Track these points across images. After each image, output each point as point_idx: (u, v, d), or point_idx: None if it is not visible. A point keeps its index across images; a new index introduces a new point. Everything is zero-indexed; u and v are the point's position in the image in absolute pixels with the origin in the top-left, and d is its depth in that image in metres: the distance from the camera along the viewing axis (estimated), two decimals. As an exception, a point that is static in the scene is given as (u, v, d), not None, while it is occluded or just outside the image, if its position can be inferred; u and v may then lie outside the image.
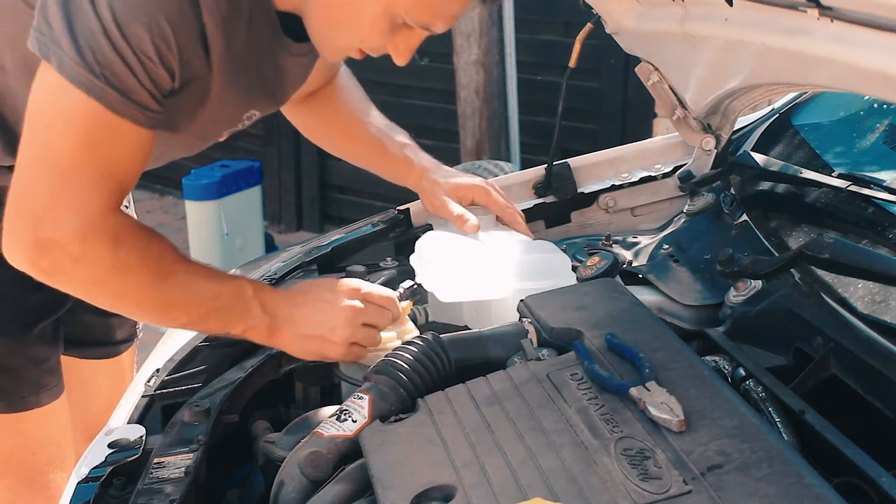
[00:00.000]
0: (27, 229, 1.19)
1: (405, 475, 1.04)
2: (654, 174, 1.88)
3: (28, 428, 1.58)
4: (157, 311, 1.30)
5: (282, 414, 1.45)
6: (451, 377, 1.26)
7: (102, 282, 1.24)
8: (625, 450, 1.02)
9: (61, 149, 1.19)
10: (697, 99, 1.73)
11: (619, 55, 2.67)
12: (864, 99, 1.83)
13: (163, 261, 1.27)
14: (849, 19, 1.13)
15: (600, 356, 1.19)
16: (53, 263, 1.20)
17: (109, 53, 1.16)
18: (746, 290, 1.44)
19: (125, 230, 1.23)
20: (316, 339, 1.33)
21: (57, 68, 1.16)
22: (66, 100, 1.17)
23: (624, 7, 1.67)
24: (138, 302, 1.28)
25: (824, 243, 1.33)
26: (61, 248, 1.19)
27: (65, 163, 1.19)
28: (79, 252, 1.19)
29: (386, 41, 1.30)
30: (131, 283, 1.25)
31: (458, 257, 1.53)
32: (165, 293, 1.27)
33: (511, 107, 4.49)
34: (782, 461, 0.97)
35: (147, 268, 1.25)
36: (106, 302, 1.30)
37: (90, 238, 1.19)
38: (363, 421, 1.18)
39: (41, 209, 1.19)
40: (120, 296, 1.27)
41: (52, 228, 1.18)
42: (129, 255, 1.23)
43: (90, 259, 1.20)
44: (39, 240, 1.19)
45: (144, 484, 1.16)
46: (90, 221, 1.19)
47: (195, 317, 1.31)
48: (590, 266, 1.58)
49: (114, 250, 1.21)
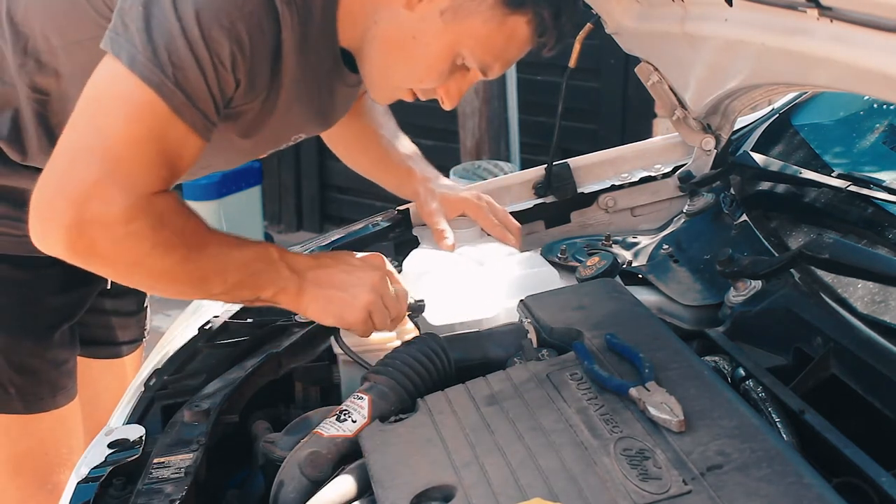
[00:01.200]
0: (69, 210, 1.16)
1: (405, 475, 1.04)
2: (654, 174, 1.88)
3: (43, 429, 1.58)
4: (194, 285, 1.29)
5: (282, 414, 1.45)
6: (450, 377, 1.27)
7: (142, 262, 1.22)
8: (624, 450, 1.02)
9: (118, 134, 1.18)
10: (697, 99, 1.73)
11: (619, 55, 2.67)
12: (864, 99, 1.83)
13: (197, 234, 1.26)
14: (849, 19, 1.13)
15: (600, 356, 1.19)
16: (92, 244, 1.18)
17: (185, 54, 1.16)
18: (746, 290, 1.44)
19: (169, 210, 1.22)
20: (338, 301, 1.33)
21: (128, 65, 1.16)
22: (131, 93, 1.17)
23: (624, 7, 1.67)
24: (176, 279, 1.26)
25: (824, 243, 1.33)
26: (104, 229, 1.17)
27: (119, 147, 1.18)
28: (122, 233, 1.17)
29: (441, 83, 1.33)
30: (170, 262, 1.23)
31: (445, 279, 1.54)
32: (201, 266, 1.26)
33: (511, 107, 4.49)
34: (782, 461, 0.97)
35: (184, 244, 1.24)
36: (142, 281, 1.29)
37: (136, 218, 1.18)
38: (363, 421, 1.18)
39: (89, 189, 1.16)
40: (159, 275, 1.25)
41: (99, 208, 1.16)
42: (170, 234, 1.22)
43: (133, 240, 1.19)
44: (82, 220, 1.16)
45: (144, 484, 1.15)
46: (138, 202, 1.18)
47: (230, 286, 1.30)
48: (590, 266, 1.58)
49: (157, 230, 1.20)
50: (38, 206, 1.19)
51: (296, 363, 1.48)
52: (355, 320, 1.34)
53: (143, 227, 1.18)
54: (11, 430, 1.56)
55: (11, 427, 1.56)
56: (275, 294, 1.33)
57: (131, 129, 1.18)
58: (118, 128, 1.18)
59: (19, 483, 1.59)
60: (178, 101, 1.18)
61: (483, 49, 1.29)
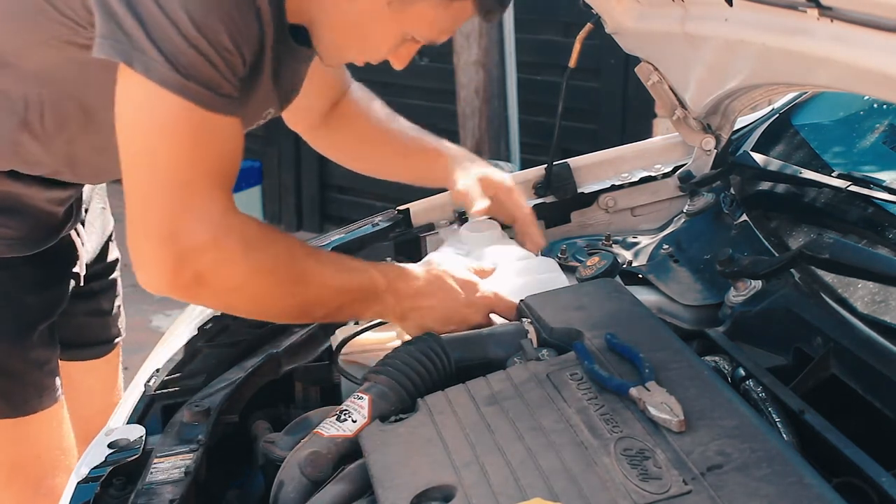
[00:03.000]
0: (162, 248, 1.18)
1: (405, 475, 1.04)
2: (654, 174, 1.88)
3: (32, 432, 1.57)
4: (297, 310, 1.32)
5: (282, 414, 1.45)
6: (450, 377, 1.26)
7: (242, 286, 1.23)
8: (625, 450, 1.02)
9: (171, 159, 1.19)
10: (697, 99, 1.73)
11: (619, 55, 2.67)
12: (864, 99, 1.83)
13: (294, 258, 1.28)
14: (849, 19, 1.13)
15: (600, 356, 1.19)
16: (196, 275, 1.19)
17: (189, 53, 1.17)
18: (746, 290, 1.44)
19: (251, 229, 1.24)
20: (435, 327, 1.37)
21: (144, 73, 1.16)
22: (161, 107, 1.17)
23: (624, 7, 1.67)
24: (277, 304, 1.29)
25: (824, 243, 1.33)
26: (199, 255, 1.18)
27: (180, 173, 1.19)
28: (214, 257, 1.19)
29: (391, 54, 1.37)
30: (268, 285, 1.25)
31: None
32: (301, 291, 1.28)
33: (511, 107, 4.49)
34: (782, 461, 0.97)
35: (280, 267, 1.26)
36: (247, 307, 1.30)
37: (222, 238, 1.19)
38: (363, 421, 1.18)
39: (171, 224, 1.17)
40: (260, 299, 1.27)
41: (187, 238, 1.17)
42: (262, 256, 1.23)
43: (227, 262, 1.20)
44: (177, 253, 1.17)
45: (144, 484, 1.16)
46: (218, 223, 1.19)
47: (332, 310, 1.33)
48: (590, 266, 1.58)
49: (246, 251, 1.21)
50: (138, 256, 1.20)
51: (296, 363, 1.48)
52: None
53: (232, 246, 1.20)
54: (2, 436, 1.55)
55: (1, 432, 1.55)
56: (374, 316, 1.39)
57: (180, 146, 1.19)
58: (168, 152, 1.19)
59: (14, 490, 1.58)
60: (205, 97, 1.19)
61: (431, 29, 1.33)
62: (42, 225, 1.52)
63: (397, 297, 1.36)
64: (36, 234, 1.51)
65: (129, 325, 1.92)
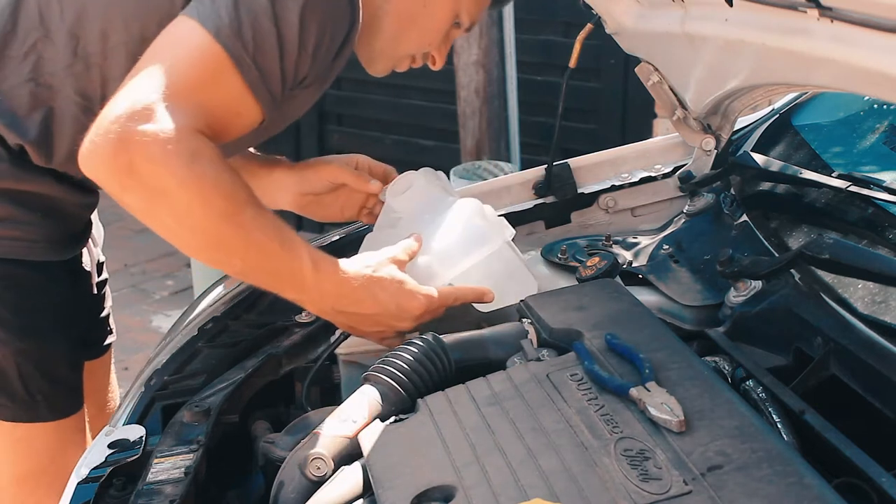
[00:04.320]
0: (115, 123, 1.18)
1: (405, 475, 1.04)
2: (655, 174, 1.88)
3: (66, 435, 1.58)
4: (217, 247, 1.28)
5: (282, 414, 1.45)
6: (450, 377, 1.26)
7: (169, 192, 1.21)
8: (625, 450, 1.02)
9: (182, 73, 1.22)
10: (697, 99, 1.73)
11: (619, 55, 2.67)
12: (864, 99, 1.83)
13: (235, 192, 1.25)
14: (849, 19, 1.13)
15: (600, 356, 1.19)
16: (131, 161, 1.19)
17: (270, 35, 1.22)
18: (746, 290, 1.44)
19: (207, 150, 1.23)
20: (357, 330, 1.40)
21: (214, 34, 1.21)
22: (207, 50, 1.22)
23: (624, 7, 1.67)
24: (196, 229, 1.25)
25: (824, 244, 1.33)
26: (143, 147, 1.18)
27: (181, 83, 1.22)
28: (158, 153, 1.18)
29: (441, 44, 1.49)
30: (195, 206, 1.22)
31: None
32: (226, 231, 1.25)
33: (511, 107, 4.49)
34: (782, 461, 0.97)
35: (218, 197, 1.23)
36: (166, 219, 1.25)
37: (173, 143, 1.19)
38: (363, 421, 1.18)
39: (139, 108, 1.19)
40: (181, 216, 1.23)
41: (144, 124, 1.18)
42: (204, 173, 1.21)
43: (165, 163, 1.19)
44: (127, 134, 1.18)
45: (144, 484, 1.16)
46: (180, 130, 1.19)
47: (249, 267, 1.31)
48: (590, 266, 1.58)
49: (190, 163, 1.20)
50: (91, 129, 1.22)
51: (296, 363, 1.48)
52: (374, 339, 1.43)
53: (179, 153, 1.19)
54: (36, 441, 1.55)
55: (37, 437, 1.55)
56: (295, 299, 1.37)
57: (197, 74, 1.23)
58: (186, 69, 1.23)
59: (39, 495, 1.58)
60: (253, 76, 1.23)
61: (476, 6, 1.46)
62: (72, 229, 1.55)
63: (321, 295, 1.34)
64: (67, 238, 1.54)
65: (129, 325, 1.93)
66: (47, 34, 1.41)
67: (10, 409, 1.51)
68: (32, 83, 1.41)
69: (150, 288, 4.53)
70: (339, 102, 4.93)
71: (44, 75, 1.41)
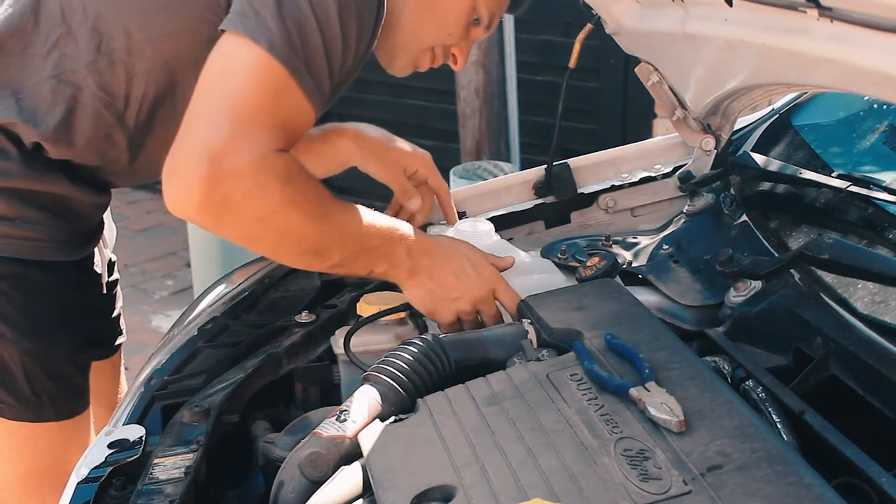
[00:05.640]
0: (204, 167, 1.20)
1: (405, 475, 1.04)
2: (654, 174, 1.88)
3: (69, 436, 1.58)
4: (314, 251, 1.34)
5: (282, 414, 1.45)
6: (450, 377, 1.26)
7: (269, 218, 1.26)
8: (625, 450, 1.02)
9: (248, 98, 1.23)
10: (697, 99, 1.73)
11: (619, 55, 2.67)
12: (864, 99, 1.83)
13: (321, 199, 1.31)
14: (849, 19, 1.13)
15: (600, 356, 1.19)
16: (226, 199, 1.21)
17: (315, 38, 1.25)
18: (746, 290, 1.44)
19: (295, 168, 1.27)
20: (437, 300, 1.42)
21: (267, 48, 1.23)
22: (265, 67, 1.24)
23: (624, 7, 1.67)
24: (298, 240, 1.31)
25: (824, 244, 1.33)
26: (236, 181, 1.21)
27: (249, 109, 1.23)
28: (252, 185, 1.21)
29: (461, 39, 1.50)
30: (294, 221, 1.27)
31: None
32: (324, 231, 1.31)
33: (511, 107, 4.49)
34: (782, 461, 0.97)
35: (309, 205, 1.29)
36: (267, 242, 1.32)
37: (263, 171, 1.22)
38: (363, 421, 1.18)
39: (220, 145, 1.20)
40: (283, 234, 1.29)
41: (231, 162, 1.20)
42: (296, 192, 1.26)
43: (261, 193, 1.23)
44: (216, 175, 1.20)
45: (144, 484, 1.16)
46: (265, 156, 1.22)
47: (347, 256, 1.36)
48: (590, 266, 1.58)
49: (283, 185, 1.24)
50: (173, 169, 1.23)
51: (296, 363, 1.48)
52: (443, 321, 1.44)
53: (271, 179, 1.23)
54: (41, 441, 1.55)
55: (41, 437, 1.55)
56: (387, 270, 1.40)
57: (261, 95, 1.24)
58: (248, 93, 1.24)
59: (43, 494, 1.57)
60: (308, 83, 1.26)
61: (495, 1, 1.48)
62: (83, 229, 1.55)
63: (409, 251, 1.40)
64: (77, 239, 1.53)
65: (129, 325, 1.93)
66: (69, 31, 1.41)
67: (15, 408, 1.51)
68: (55, 80, 1.42)
69: (150, 288, 4.53)
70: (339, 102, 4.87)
71: (66, 72, 1.42)
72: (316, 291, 1.64)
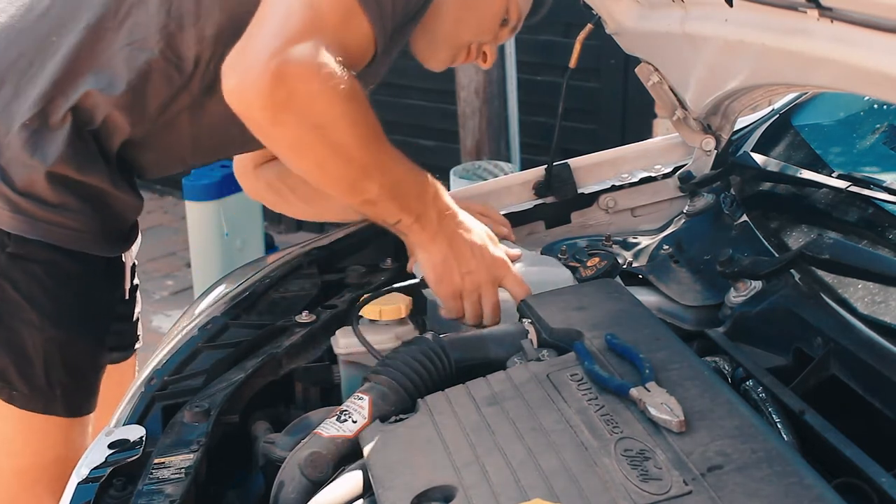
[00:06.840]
0: (275, 58, 1.20)
1: (405, 475, 1.04)
2: (655, 175, 1.88)
3: (76, 435, 1.57)
4: (356, 177, 1.33)
5: (282, 414, 1.45)
6: (451, 377, 1.26)
7: (325, 127, 1.26)
8: (625, 450, 1.02)
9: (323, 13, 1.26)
10: (697, 99, 1.73)
11: (619, 55, 2.67)
12: (864, 99, 1.83)
13: (377, 129, 1.32)
14: (849, 19, 1.13)
15: (600, 356, 1.19)
16: (290, 95, 1.21)
17: None
18: (746, 290, 1.44)
19: (359, 90, 1.28)
20: (447, 269, 1.42)
21: None
22: None
23: (624, 7, 1.67)
24: (346, 161, 1.30)
25: (824, 244, 1.33)
26: (303, 81, 1.21)
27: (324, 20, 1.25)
28: (318, 89, 1.22)
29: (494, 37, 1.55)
30: (348, 138, 1.28)
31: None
32: (371, 159, 1.32)
33: (511, 107, 4.49)
34: (782, 461, 0.97)
35: (366, 128, 1.30)
36: (315, 154, 1.31)
37: (332, 80, 1.23)
38: (363, 421, 1.18)
39: (296, 37, 1.21)
40: (333, 149, 1.29)
41: (303, 60, 1.21)
42: (357, 111, 1.28)
43: (326, 100, 1.23)
44: (286, 67, 1.20)
45: (145, 484, 1.15)
46: (335, 67, 1.23)
47: (383, 192, 1.35)
48: (590, 266, 1.58)
49: (347, 99, 1.25)
50: (240, 59, 1.24)
51: (296, 364, 1.48)
52: (445, 294, 1.43)
53: (337, 89, 1.24)
54: (47, 435, 1.54)
55: (48, 431, 1.54)
56: (412, 224, 1.39)
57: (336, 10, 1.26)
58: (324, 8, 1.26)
59: (38, 491, 1.57)
60: (374, 13, 1.28)
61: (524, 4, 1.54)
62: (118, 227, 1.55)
63: (440, 214, 1.40)
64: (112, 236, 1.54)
65: (129, 325, 1.93)
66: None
67: (27, 397, 1.50)
68: (128, 48, 1.44)
69: (150, 288, 4.53)
70: (339, 102, 4.92)
71: (138, 39, 1.43)
72: (316, 291, 1.64)
